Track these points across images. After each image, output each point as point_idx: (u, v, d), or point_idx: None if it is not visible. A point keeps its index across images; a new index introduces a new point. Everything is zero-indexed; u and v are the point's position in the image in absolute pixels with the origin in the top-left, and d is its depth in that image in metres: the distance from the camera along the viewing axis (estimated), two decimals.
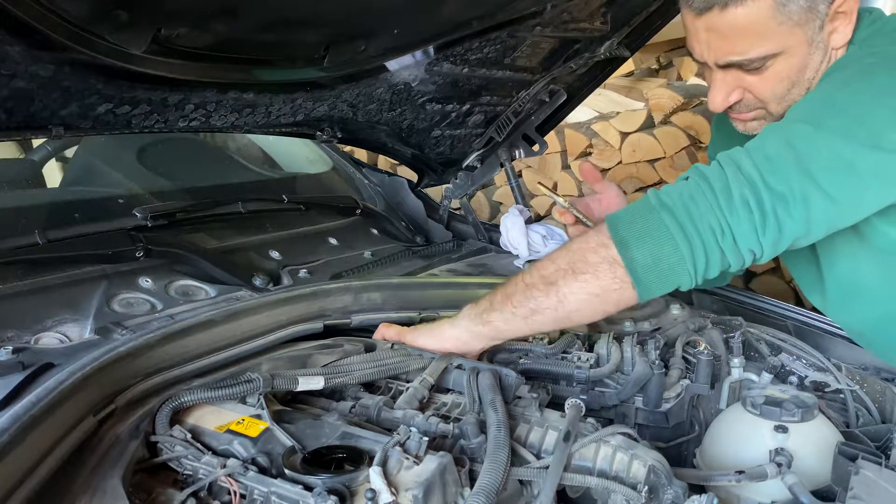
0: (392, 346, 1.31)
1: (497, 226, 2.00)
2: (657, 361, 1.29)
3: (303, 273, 1.51)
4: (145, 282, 1.29)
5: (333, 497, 0.81)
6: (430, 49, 1.52)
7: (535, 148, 2.01)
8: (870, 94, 1.13)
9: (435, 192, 2.20)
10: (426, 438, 0.91)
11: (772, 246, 1.10)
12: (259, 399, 1.01)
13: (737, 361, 1.37)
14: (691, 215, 1.09)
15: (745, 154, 1.11)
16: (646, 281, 1.12)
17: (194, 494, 0.87)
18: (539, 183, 1.74)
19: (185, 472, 0.92)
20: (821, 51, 1.25)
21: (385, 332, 1.31)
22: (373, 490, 0.82)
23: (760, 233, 1.08)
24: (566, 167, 3.92)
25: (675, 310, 1.55)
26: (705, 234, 1.09)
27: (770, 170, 1.08)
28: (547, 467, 0.96)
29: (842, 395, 1.38)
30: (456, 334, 1.24)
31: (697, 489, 1.00)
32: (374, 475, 0.84)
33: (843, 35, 1.25)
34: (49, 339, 1.09)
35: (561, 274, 1.15)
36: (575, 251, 1.16)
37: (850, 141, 1.08)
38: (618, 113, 3.85)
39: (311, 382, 1.09)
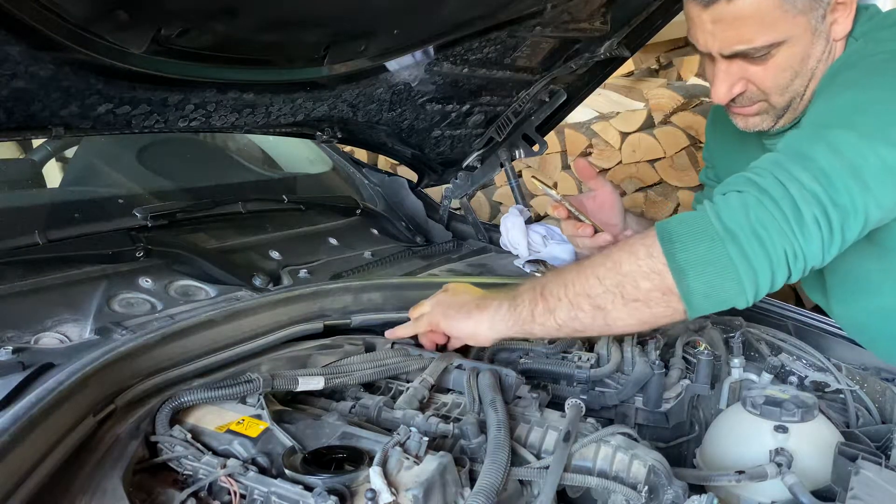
0: (392, 346, 1.31)
1: (497, 226, 2.00)
2: (657, 361, 1.29)
3: (303, 273, 1.51)
4: (145, 282, 1.29)
5: (333, 497, 0.81)
6: (430, 49, 1.52)
7: (535, 148, 2.01)
8: (893, 94, 1.10)
9: (435, 192, 2.20)
10: (426, 438, 0.92)
11: (830, 258, 1.06)
12: (259, 399, 1.01)
13: (737, 361, 1.38)
14: (763, 243, 1.01)
15: (798, 165, 1.05)
16: (700, 308, 1.06)
17: (194, 494, 0.87)
18: (533, 177, 1.74)
19: (185, 472, 0.92)
20: (823, 40, 1.25)
21: (419, 321, 1.30)
22: (373, 490, 0.82)
23: (826, 249, 1.04)
24: (566, 167, 3.92)
25: None
26: (778, 260, 1.02)
27: (829, 183, 1.03)
28: (547, 467, 0.96)
29: (842, 395, 1.38)
30: (494, 337, 1.22)
31: (697, 489, 1.00)
32: (374, 475, 0.84)
33: (843, 27, 1.25)
34: (49, 339, 1.09)
35: (609, 298, 1.08)
36: (625, 274, 1.06)
37: (890, 145, 1.05)
38: (618, 113, 3.85)
39: (311, 382, 1.09)
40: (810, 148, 1.07)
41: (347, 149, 2.40)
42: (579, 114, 3.79)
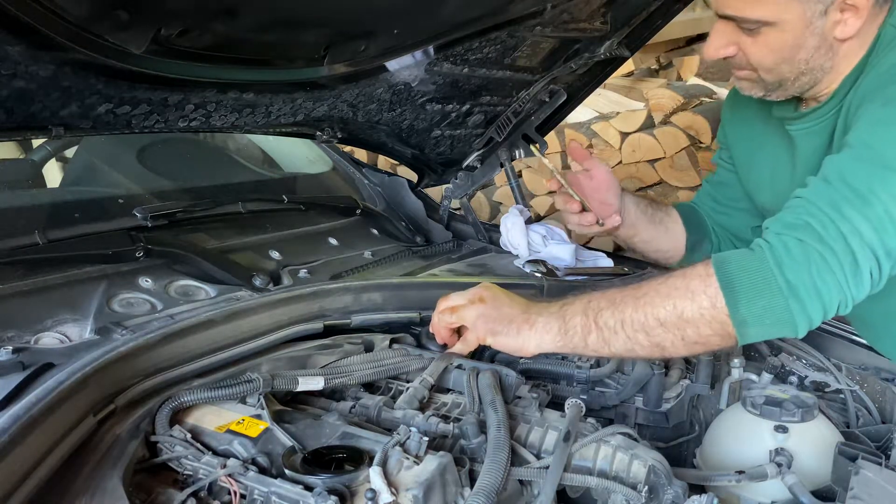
0: (391, 346, 1.31)
1: (497, 226, 2.00)
2: (657, 361, 1.29)
3: (303, 273, 1.51)
4: (145, 282, 1.29)
5: (333, 497, 0.81)
6: (430, 49, 1.52)
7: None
8: None
9: (435, 192, 2.20)
10: (426, 438, 0.92)
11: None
12: (259, 399, 1.01)
13: (737, 361, 1.37)
14: (821, 296, 1.08)
15: (856, 210, 1.08)
16: (750, 341, 1.14)
17: (194, 494, 0.87)
18: (533, 145, 1.75)
19: (185, 472, 0.92)
20: (818, 36, 1.24)
21: (468, 340, 1.27)
22: (373, 490, 0.82)
23: (873, 290, 1.12)
24: (566, 167, 3.92)
25: None
26: (831, 307, 1.10)
27: (885, 231, 1.08)
28: (547, 467, 0.96)
29: (842, 395, 1.38)
30: (538, 353, 1.24)
31: (697, 489, 1.00)
32: (374, 475, 0.84)
33: (849, 28, 1.24)
34: (49, 339, 1.09)
35: (669, 339, 1.13)
36: (687, 320, 1.11)
37: None
38: (618, 113, 3.85)
39: (311, 383, 1.09)
40: (869, 189, 1.10)
41: (347, 149, 2.40)
42: (579, 114, 3.79)
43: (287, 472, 0.88)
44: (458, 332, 1.31)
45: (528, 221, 1.93)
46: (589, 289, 1.29)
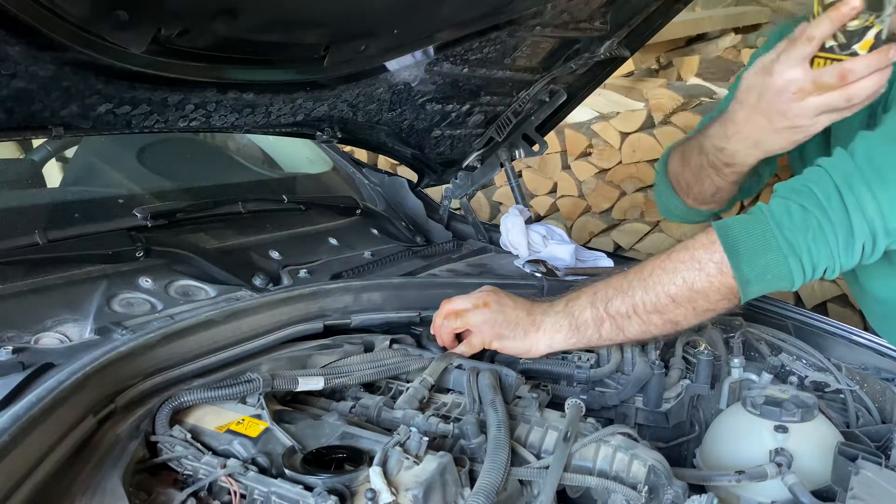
0: (391, 346, 1.31)
1: (497, 226, 2.00)
2: (657, 361, 1.29)
3: (303, 273, 1.51)
4: (145, 282, 1.29)
5: (333, 497, 0.81)
6: (430, 49, 1.52)
7: (535, 148, 2.01)
8: None
9: (435, 192, 2.20)
10: (426, 438, 0.92)
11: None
12: (259, 399, 1.01)
13: (737, 361, 1.37)
14: (813, 260, 1.12)
15: (868, 190, 1.09)
16: (751, 297, 1.16)
17: (194, 494, 0.87)
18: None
19: (185, 472, 0.92)
20: None
21: (472, 343, 1.28)
22: (373, 490, 0.82)
23: (864, 262, 1.13)
24: (566, 167, 3.92)
25: None
26: (818, 272, 1.13)
27: (891, 212, 1.09)
28: (547, 467, 0.96)
29: (842, 395, 1.38)
30: (548, 353, 1.26)
31: (697, 489, 1.00)
32: (374, 475, 0.84)
33: None
34: (49, 339, 1.09)
35: (682, 313, 1.17)
36: (698, 291, 1.15)
37: None
38: (618, 113, 3.85)
39: (311, 383, 1.09)
40: (892, 170, 1.10)
41: (347, 149, 2.40)
42: (579, 114, 3.78)
43: (287, 472, 0.88)
44: (459, 335, 1.31)
45: (528, 221, 1.93)
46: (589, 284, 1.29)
